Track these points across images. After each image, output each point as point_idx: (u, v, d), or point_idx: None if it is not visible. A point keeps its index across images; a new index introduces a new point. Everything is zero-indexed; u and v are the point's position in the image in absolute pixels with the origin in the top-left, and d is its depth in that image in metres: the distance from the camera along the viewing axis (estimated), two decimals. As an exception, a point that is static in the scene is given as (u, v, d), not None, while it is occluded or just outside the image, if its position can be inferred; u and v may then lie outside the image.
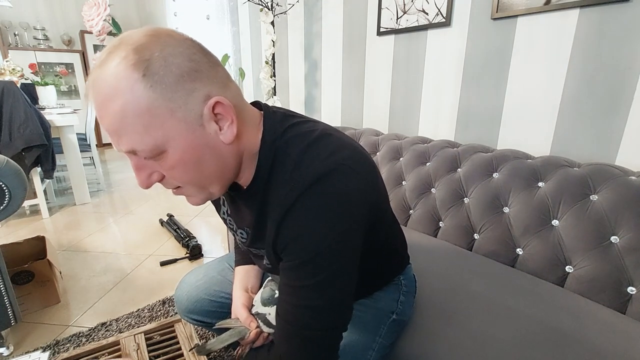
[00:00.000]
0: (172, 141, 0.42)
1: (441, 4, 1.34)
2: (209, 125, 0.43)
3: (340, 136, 0.52)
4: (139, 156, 0.43)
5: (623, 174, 0.86)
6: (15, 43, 4.26)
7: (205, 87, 0.42)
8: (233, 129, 0.45)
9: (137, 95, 0.39)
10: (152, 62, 0.39)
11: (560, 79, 1.08)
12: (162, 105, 0.40)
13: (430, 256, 0.99)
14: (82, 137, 2.88)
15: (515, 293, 0.82)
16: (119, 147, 0.43)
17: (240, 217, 0.59)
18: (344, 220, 0.46)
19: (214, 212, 2.50)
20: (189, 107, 0.41)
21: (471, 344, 0.67)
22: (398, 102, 1.61)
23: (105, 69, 0.39)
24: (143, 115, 0.39)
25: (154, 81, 0.39)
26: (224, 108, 0.43)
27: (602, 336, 0.68)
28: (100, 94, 0.40)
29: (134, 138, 0.41)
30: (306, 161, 0.47)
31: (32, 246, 1.51)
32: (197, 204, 0.50)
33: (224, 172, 0.48)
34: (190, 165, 0.44)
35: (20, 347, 1.18)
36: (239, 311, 0.68)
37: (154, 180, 0.46)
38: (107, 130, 0.42)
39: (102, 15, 2.14)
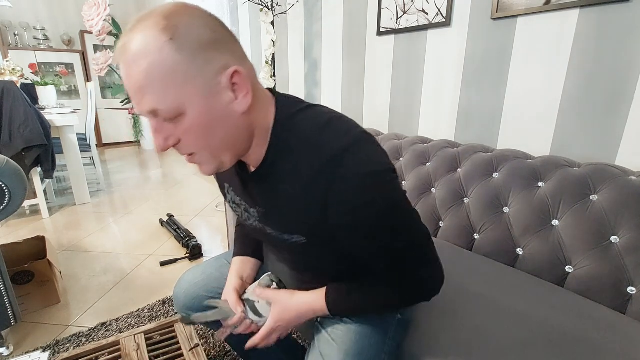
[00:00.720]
0: (190, 104, 0.44)
1: (441, 4, 1.34)
2: (226, 94, 0.46)
3: (348, 119, 0.55)
4: (158, 118, 0.46)
5: (623, 174, 0.86)
6: (15, 43, 4.26)
7: (224, 57, 0.45)
8: (248, 99, 0.48)
9: (164, 56, 0.42)
10: (179, 28, 0.42)
11: (560, 79, 1.08)
12: (185, 68, 0.43)
13: (430, 256, 0.99)
14: (82, 137, 2.88)
15: (515, 293, 0.82)
16: (141, 108, 0.45)
17: (252, 198, 0.60)
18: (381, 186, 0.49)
19: (214, 212, 2.51)
20: (208, 74, 0.44)
21: (471, 343, 0.67)
22: (398, 102, 1.61)
23: (136, 32, 0.43)
24: (167, 75, 0.42)
25: (179, 45, 0.42)
26: (241, 78, 0.46)
27: (602, 336, 0.68)
28: (130, 54, 0.43)
29: (157, 97, 0.43)
30: (325, 140, 0.49)
31: (32, 246, 1.51)
32: (209, 173, 0.53)
33: (236, 141, 0.50)
34: (205, 129, 0.47)
35: (20, 347, 1.18)
36: (229, 294, 0.69)
37: (170, 144, 0.48)
38: (132, 89, 0.44)
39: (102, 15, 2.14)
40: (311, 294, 0.62)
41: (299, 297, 0.63)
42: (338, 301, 0.59)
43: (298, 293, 0.63)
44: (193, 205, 2.60)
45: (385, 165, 0.50)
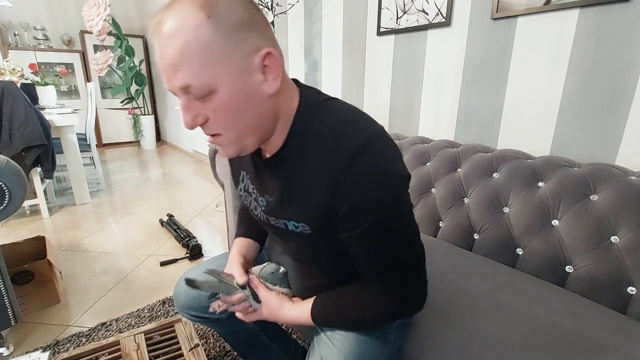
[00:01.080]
0: (222, 83, 0.45)
1: (441, 4, 1.34)
2: (257, 75, 0.47)
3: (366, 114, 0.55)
4: (189, 95, 0.46)
5: (623, 174, 0.86)
6: (15, 43, 4.26)
7: (258, 39, 0.46)
8: (277, 82, 0.48)
9: (200, 33, 0.42)
10: (216, 6, 0.43)
11: (560, 79, 1.08)
12: (220, 46, 0.43)
13: (430, 256, 0.99)
14: (82, 137, 2.88)
15: (515, 293, 0.82)
16: (172, 83, 0.45)
17: (264, 185, 0.60)
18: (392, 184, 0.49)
19: (214, 212, 2.51)
20: (242, 53, 0.45)
21: (471, 343, 0.67)
22: (398, 102, 1.61)
23: (174, 9, 0.43)
24: (202, 52, 0.43)
25: (216, 23, 0.43)
26: (272, 60, 0.47)
27: (602, 336, 0.68)
28: (165, 31, 0.43)
29: (190, 73, 0.44)
30: (346, 132, 0.49)
31: (32, 246, 1.51)
32: (230, 155, 0.54)
33: (262, 124, 0.51)
34: (234, 109, 0.47)
35: (20, 347, 1.18)
36: (234, 266, 0.69)
37: (198, 122, 0.49)
38: (165, 65, 0.44)
39: (102, 15, 2.14)
40: (298, 307, 0.63)
41: (287, 308, 0.64)
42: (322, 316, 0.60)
43: (287, 303, 0.64)
44: (193, 205, 2.60)
45: (400, 170, 0.51)
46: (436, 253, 1.03)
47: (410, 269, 0.55)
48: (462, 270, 0.92)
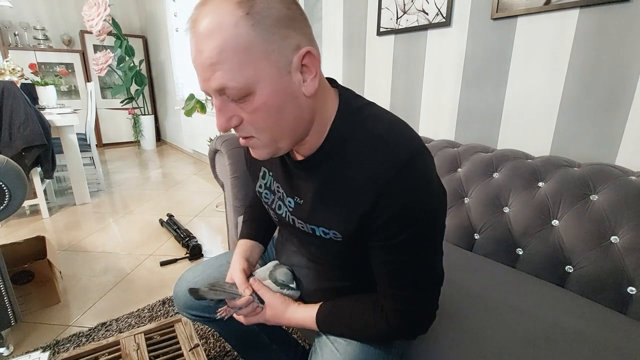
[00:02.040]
0: (261, 83, 0.43)
1: (441, 4, 1.34)
2: (295, 75, 0.45)
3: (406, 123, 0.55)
4: (224, 97, 0.45)
5: (623, 174, 0.86)
6: (15, 43, 4.26)
7: (297, 37, 0.44)
8: (315, 82, 0.46)
9: (239, 31, 0.40)
10: (255, 3, 0.41)
11: (560, 79, 1.08)
12: (259, 45, 0.41)
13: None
14: (82, 137, 2.88)
15: (515, 293, 0.82)
16: (208, 84, 0.44)
17: (293, 187, 0.59)
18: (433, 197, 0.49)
19: (214, 212, 2.51)
20: (282, 52, 0.43)
21: (471, 343, 0.67)
22: (398, 102, 1.61)
23: (211, 5, 0.41)
24: (241, 51, 0.41)
25: (255, 20, 0.41)
26: (311, 60, 0.45)
27: (602, 336, 0.68)
28: (202, 29, 0.41)
29: (228, 74, 0.42)
30: (393, 140, 0.48)
31: (32, 246, 1.51)
32: (262, 157, 0.51)
33: (299, 125, 0.49)
34: (272, 111, 0.45)
35: (20, 347, 1.18)
36: (237, 274, 0.67)
37: (232, 124, 0.47)
38: (202, 64, 0.43)
39: (102, 15, 2.14)
40: (303, 311, 0.62)
41: (292, 311, 0.63)
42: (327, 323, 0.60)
43: (292, 305, 0.64)
44: (193, 205, 2.60)
45: (441, 188, 0.51)
46: (436, 253, 1.03)
47: (427, 289, 0.54)
48: (462, 270, 0.92)
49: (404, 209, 0.47)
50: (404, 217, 0.47)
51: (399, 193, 0.46)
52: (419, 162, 0.47)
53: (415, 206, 0.47)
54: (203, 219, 2.35)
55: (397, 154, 0.47)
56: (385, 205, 0.47)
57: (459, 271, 0.92)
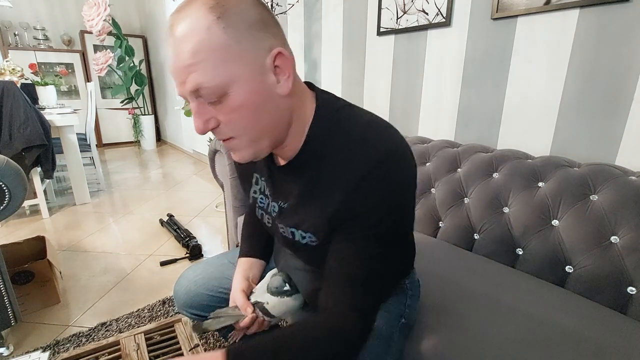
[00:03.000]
0: (235, 84, 0.44)
1: (441, 4, 1.34)
2: (269, 76, 0.47)
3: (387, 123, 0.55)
4: (200, 99, 0.46)
5: (623, 174, 0.86)
6: (15, 43, 4.26)
7: (270, 39, 0.46)
8: (289, 83, 0.48)
9: (212, 34, 0.42)
10: (227, 8, 0.43)
11: (560, 79, 1.08)
12: (232, 47, 0.43)
13: (430, 256, 0.99)
14: (82, 137, 2.88)
15: (515, 293, 0.82)
16: (184, 87, 0.45)
17: (278, 191, 0.60)
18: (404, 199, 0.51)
19: (214, 212, 2.51)
20: (254, 54, 0.45)
21: (471, 344, 0.67)
22: (398, 102, 1.61)
23: (186, 12, 0.43)
24: (214, 53, 0.43)
25: (227, 24, 0.42)
26: (284, 60, 0.47)
27: (602, 336, 0.68)
28: (178, 33, 0.43)
29: (202, 76, 0.43)
30: (368, 141, 0.49)
31: (32, 246, 1.51)
32: (244, 160, 0.52)
33: (277, 125, 0.50)
34: (248, 111, 0.46)
35: (20, 347, 1.18)
36: (237, 296, 0.68)
37: (210, 127, 0.48)
38: (178, 67, 0.44)
39: (102, 15, 2.14)
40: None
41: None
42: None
43: None
44: (193, 205, 2.60)
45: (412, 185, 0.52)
46: (436, 253, 1.03)
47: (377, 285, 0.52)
48: (462, 270, 0.92)
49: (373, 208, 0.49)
50: (371, 215, 0.49)
51: (370, 190, 0.48)
52: (390, 164, 0.48)
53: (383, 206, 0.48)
54: (203, 219, 2.35)
55: (368, 155, 0.48)
56: (356, 200, 0.49)
57: (459, 271, 0.92)
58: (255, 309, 0.66)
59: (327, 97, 0.55)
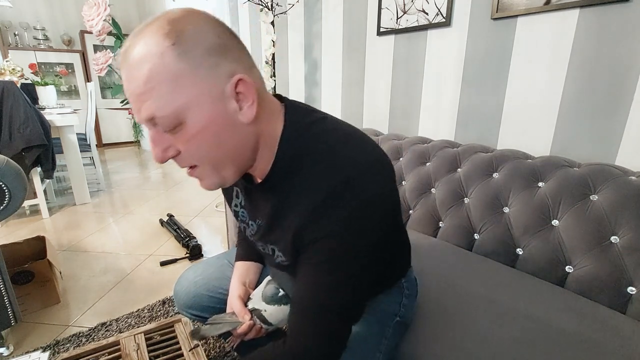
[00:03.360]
0: (192, 112, 0.42)
1: (441, 4, 1.34)
2: (230, 103, 0.44)
3: (362, 135, 0.53)
4: (157, 127, 0.44)
5: (623, 174, 0.86)
6: (15, 43, 4.26)
7: (230, 65, 0.44)
8: (253, 109, 0.45)
9: (165, 61, 0.40)
10: (183, 33, 0.41)
11: (560, 79, 1.08)
12: (187, 74, 0.41)
13: (430, 256, 0.99)
14: (82, 137, 2.88)
15: (515, 293, 0.82)
16: (140, 115, 0.43)
17: (254, 209, 0.59)
18: (369, 224, 0.47)
19: (214, 212, 2.51)
20: (212, 80, 0.43)
21: (471, 344, 0.67)
22: (398, 102, 1.61)
23: (140, 37, 0.41)
24: (168, 81, 0.41)
25: (182, 50, 0.41)
26: (246, 87, 0.44)
27: (602, 336, 0.68)
28: (131, 59, 0.41)
29: (156, 104, 0.42)
30: (334, 159, 0.47)
31: (32, 246, 1.51)
32: (210, 188, 0.50)
33: (240, 153, 0.48)
34: (207, 139, 0.44)
35: (20, 347, 1.18)
36: (234, 303, 0.68)
37: (169, 155, 0.46)
38: (132, 95, 0.43)
39: (102, 15, 2.14)
40: None
41: None
42: None
43: None
44: (193, 205, 2.60)
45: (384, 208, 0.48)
46: (436, 253, 1.03)
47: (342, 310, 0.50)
48: (462, 270, 0.92)
49: (329, 235, 0.46)
50: (327, 242, 0.47)
51: (326, 219, 0.46)
52: (359, 181, 0.45)
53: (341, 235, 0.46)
54: (203, 219, 2.35)
55: (336, 172, 0.46)
56: (315, 226, 0.47)
57: (459, 271, 0.92)
58: (252, 316, 0.66)
59: (296, 113, 0.52)
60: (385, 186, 0.48)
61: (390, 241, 0.59)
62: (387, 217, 0.50)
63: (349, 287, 0.49)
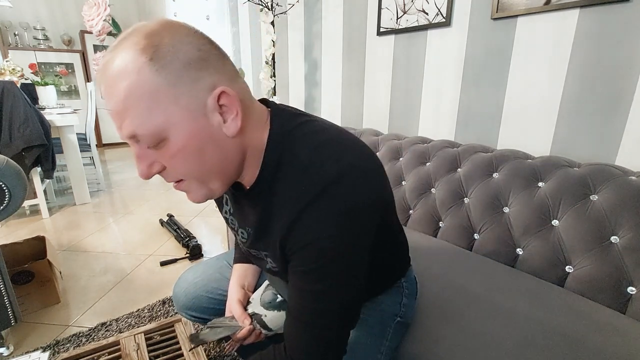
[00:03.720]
0: (174, 128, 0.42)
1: (441, 4, 1.34)
2: (213, 116, 0.43)
3: (349, 137, 0.52)
4: (140, 144, 0.43)
5: (623, 174, 0.86)
6: (15, 43, 4.26)
7: (211, 77, 0.42)
8: (237, 122, 0.44)
9: (143, 77, 0.39)
10: (160, 47, 0.40)
11: (560, 79, 1.08)
12: (166, 90, 0.40)
13: (430, 256, 0.99)
14: (82, 137, 2.88)
15: (515, 293, 0.82)
16: (121, 132, 0.43)
17: (243, 217, 0.59)
18: (353, 230, 0.46)
19: (214, 212, 2.51)
20: (193, 95, 0.41)
21: (471, 344, 0.67)
22: (398, 102, 1.61)
23: (116, 53, 0.40)
24: (146, 98, 0.40)
25: (160, 65, 0.40)
26: (229, 99, 0.43)
27: (602, 336, 0.68)
28: (109, 75, 0.40)
29: (136, 121, 0.41)
30: (316, 164, 0.46)
31: (32, 246, 1.51)
32: (198, 201, 0.49)
33: (226, 166, 0.47)
34: (191, 155, 0.44)
35: (20, 347, 1.18)
36: (234, 307, 0.68)
37: (154, 171, 0.46)
38: (112, 111, 0.42)
39: (102, 15, 2.13)
40: None
41: None
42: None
43: None
44: (193, 205, 2.60)
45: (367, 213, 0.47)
46: (436, 253, 1.03)
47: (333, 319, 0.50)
48: (462, 270, 0.92)
49: (311, 244, 0.45)
50: (310, 250, 0.46)
51: (316, 219, 0.45)
52: (341, 186, 0.44)
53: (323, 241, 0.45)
54: (203, 219, 2.35)
55: (317, 177, 0.45)
56: (295, 236, 0.46)
57: (459, 271, 0.92)
58: (252, 321, 0.65)
59: (280, 121, 0.50)
60: (368, 190, 0.47)
61: (384, 242, 0.58)
62: (373, 220, 0.49)
63: (340, 293, 0.48)
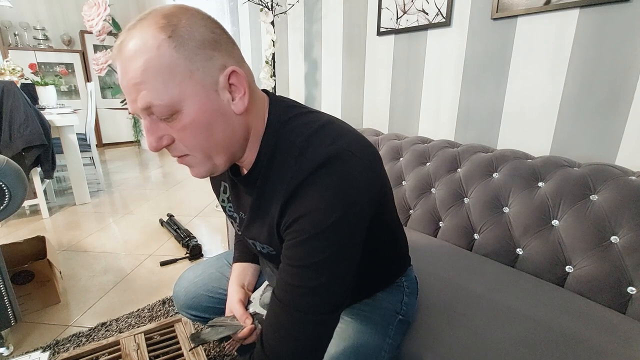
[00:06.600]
0: (187, 101, 0.44)
1: (441, 4, 1.34)
2: (223, 93, 0.46)
3: (343, 124, 0.54)
4: (152, 116, 0.46)
5: (623, 174, 0.86)
6: (15, 43, 4.26)
7: (223, 58, 0.46)
8: (244, 100, 0.48)
9: (162, 52, 0.42)
10: (178, 27, 0.43)
11: (560, 79, 1.08)
12: (182, 65, 0.43)
13: (430, 256, 0.99)
14: (82, 137, 2.88)
15: (515, 293, 0.82)
16: (135, 105, 0.45)
17: (239, 202, 0.61)
18: (347, 203, 0.46)
19: (214, 212, 2.51)
20: (206, 72, 0.44)
21: (471, 344, 0.67)
22: (398, 102, 1.61)
23: (136, 30, 0.43)
24: (164, 71, 0.42)
25: (178, 43, 0.42)
26: (238, 79, 0.47)
27: (602, 336, 0.68)
28: (127, 51, 0.43)
29: (152, 93, 0.43)
30: (310, 148, 0.48)
31: (32, 246, 1.51)
32: (201, 176, 0.52)
33: (232, 142, 0.50)
34: (201, 128, 0.46)
35: (20, 347, 1.18)
36: (235, 306, 0.68)
37: (163, 144, 0.48)
38: (128, 85, 0.44)
39: (102, 15, 2.13)
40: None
41: None
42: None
43: None
44: (193, 205, 2.60)
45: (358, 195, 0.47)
46: (436, 253, 1.03)
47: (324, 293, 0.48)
48: (462, 270, 0.92)
49: (305, 215, 0.46)
50: (304, 221, 0.46)
51: (306, 195, 0.46)
52: (332, 167, 0.46)
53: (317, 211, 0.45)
54: (203, 219, 2.35)
55: (309, 160, 0.47)
56: (291, 210, 0.48)
57: (459, 271, 0.92)
58: (254, 320, 0.65)
59: (278, 107, 0.54)
60: (363, 169, 0.47)
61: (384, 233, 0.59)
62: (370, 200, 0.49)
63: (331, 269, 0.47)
